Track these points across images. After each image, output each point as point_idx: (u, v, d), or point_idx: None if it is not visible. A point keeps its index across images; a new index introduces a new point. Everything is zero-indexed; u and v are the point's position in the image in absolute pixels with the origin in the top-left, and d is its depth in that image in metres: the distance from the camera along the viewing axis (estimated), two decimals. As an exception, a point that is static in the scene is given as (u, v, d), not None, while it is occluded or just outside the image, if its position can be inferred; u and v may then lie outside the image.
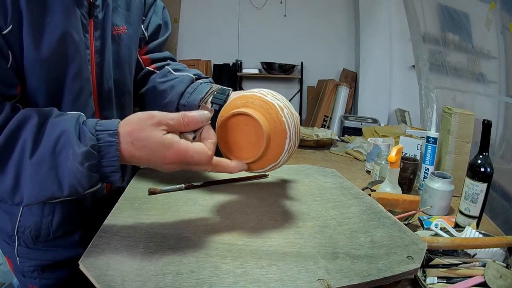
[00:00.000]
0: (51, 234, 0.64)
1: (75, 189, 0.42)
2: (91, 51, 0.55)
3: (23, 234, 0.63)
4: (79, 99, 0.54)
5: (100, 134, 0.42)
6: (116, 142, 0.41)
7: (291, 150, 0.54)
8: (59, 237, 0.65)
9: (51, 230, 0.63)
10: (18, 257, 0.65)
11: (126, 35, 0.63)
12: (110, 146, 0.41)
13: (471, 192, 0.76)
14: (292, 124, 0.52)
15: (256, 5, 3.46)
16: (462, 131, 0.99)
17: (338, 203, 0.65)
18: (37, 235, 0.63)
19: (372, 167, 1.19)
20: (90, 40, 0.54)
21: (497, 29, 1.21)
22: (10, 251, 0.66)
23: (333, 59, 3.43)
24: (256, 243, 0.49)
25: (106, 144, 0.41)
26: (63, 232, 0.65)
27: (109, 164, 0.42)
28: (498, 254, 0.64)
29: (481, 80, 1.34)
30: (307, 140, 1.61)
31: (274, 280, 0.41)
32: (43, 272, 0.67)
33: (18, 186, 0.42)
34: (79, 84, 0.53)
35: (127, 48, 0.64)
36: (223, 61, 3.55)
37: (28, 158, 0.41)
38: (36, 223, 0.62)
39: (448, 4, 1.55)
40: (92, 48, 0.55)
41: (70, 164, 0.40)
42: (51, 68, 0.49)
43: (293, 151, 0.55)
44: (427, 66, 1.88)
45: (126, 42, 0.63)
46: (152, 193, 0.66)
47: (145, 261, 0.43)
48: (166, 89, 0.68)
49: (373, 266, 0.45)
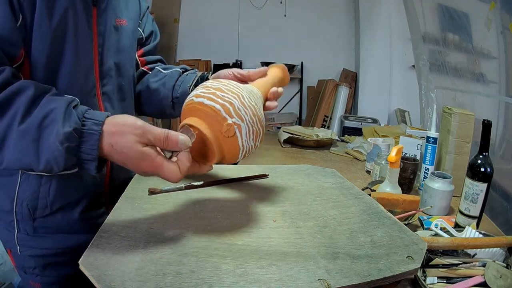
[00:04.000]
0: (49, 206, 0.63)
1: (51, 166, 0.44)
2: (94, 33, 0.60)
3: (21, 207, 0.63)
4: (78, 69, 0.58)
5: (86, 121, 0.43)
6: (98, 132, 0.43)
7: (252, 140, 0.51)
8: (58, 211, 0.65)
9: (48, 200, 0.63)
10: (19, 246, 0.65)
11: (127, 27, 0.69)
12: (92, 134, 0.43)
13: (471, 192, 0.76)
14: (246, 116, 0.49)
15: (256, 5, 3.46)
16: (462, 131, 0.99)
17: (338, 203, 0.65)
18: (34, 207, 0.63)
19: (372, 167, 1.19)
20: (94, 24, 0.61)
21: (497, 29, 1.21)
22: (10, 240, 0.66)
23: (333, 59, 3.43)
24: (256, 243, 0.49)
25: (89, 132, 0.43)
26: (60, 205, 0.64)
27: (87, 151, 0.43)
28: (498, 254, 0.64)
29: (481, 80, 1.34)
30: (307, 140, 1.61)
31: (274, 280, 0.41)
32: (45, 269, 0.67)
33: (2, 148, 0.45)
34: (78, 57, 0.58)
35: (127, 39, 0.70)
36: (223, 61, 3.55)
37: (17, 124, 0.43)
38: (34, 192, 0.62)
39: (448, 4, 1.55)
40: (95, 30, 0.61)
41: (51, 141, 0.43)
42: (56, 38, 0.54)
43: (258, 137, 0.52)
44: (427, 66, 1.88)
45: (127, 33, 0.69)
46: (152, 193, 0.66)
47: (145, 261, 0.43)
48: (159, 87, 0.76)
49: (373, 266, 0.45)
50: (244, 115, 0.49)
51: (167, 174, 0.45)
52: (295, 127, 1.84)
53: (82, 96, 0.58)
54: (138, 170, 0.46)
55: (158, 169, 0.45)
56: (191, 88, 0.71)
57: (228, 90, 0.50)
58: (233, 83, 0.53)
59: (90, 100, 0.62)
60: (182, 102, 0.61)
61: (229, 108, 0.49)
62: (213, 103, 0.49)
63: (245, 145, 0.51)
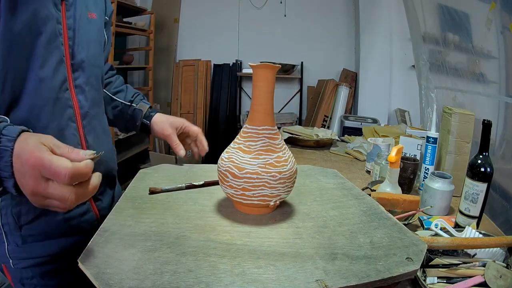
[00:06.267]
0: (32, 210, 0.62)
1: None
2: (63, 26, 0.61)
3: (6, 217, 0.62)
4: (46, 64, 0.58)
5: (2, 138, 0.42)
6: (10, 148, 0.41)
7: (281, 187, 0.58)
8: (41, 215, 0.63)
9: (30, 204, 0.60)
10: (11, 259, 0.65)
11: (96, 20, 0.70)
12: (5, 151, 0.41)
13: (471, 192, 0.76)
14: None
15: (256, 5, 3.46)
16: (462, 131, 0.99)
17: (338, 203, 0.65)
18: (18, 214, 0.62)
19: (372, 167, 1.19)
20: (62, 17, 0.61)
21: (497, 29, 1.20)
22: (2, 254, 0.65)
23: (333, 59, 3.43)
24: (255, 243, 0.49)
25: (3, 148, 0.41)
26: (42, 209, 0.62)
27: (3, 168, 0.41)
28: (498, 254, 0.64)
29: (481, 80, 1.33)
30: (307, 140, 1.61)
31: (271, 280, 0.41)
32: (43, 278, 0.66)
33: None
34: (48, 52, 0.58)
35: (97, 31, 0.71)
36: (223, 61, 3.55)
37: None
38: (14, 199, 0.61)
39: (448, 4, 1.55)
40: (64, 24, 0.61)
41: None
42: (23, 36, 0.54)
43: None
44: (427, 66, 1.88)
45: (97, 26, 0.71)
46: (153, 192, 0.66)
47: (143, 260, 0.43)
48: (114, 119, 0.88)
49: (372, 267, 0.44)
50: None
51: (55, 162, 0.39)
52: (295, 127, 1.84)
53: (52, 91, 0.59)
54: (25, 165, 0.40)
55: (43, 160, 0.39)
56: (139, 126, 0.86)
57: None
58: None
59: (61, 95, 0.61)
60: (132, 131, 0.88)
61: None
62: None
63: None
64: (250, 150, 0.56)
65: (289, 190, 0.58)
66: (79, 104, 0.65)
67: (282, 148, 0.58)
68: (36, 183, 0.40)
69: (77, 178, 0.39)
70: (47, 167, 0.39)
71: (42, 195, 0.40)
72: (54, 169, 0.38)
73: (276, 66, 0.55)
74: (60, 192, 0.39)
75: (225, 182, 0.56)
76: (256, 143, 0.56)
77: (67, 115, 0.63)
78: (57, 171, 0.38)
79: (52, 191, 0.39)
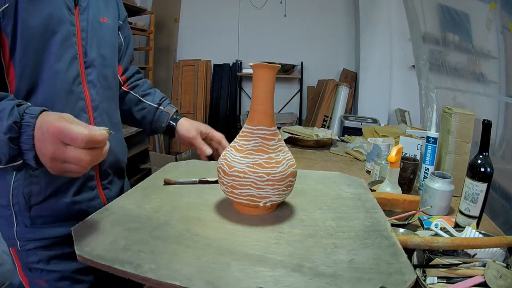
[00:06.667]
0: (42, 191, 0.66)
1: None
2: (77, 28, 0.68)
3: (17, 198, 0.66)
4: (61, 59, 0.65)
5: (25, 116, 0.49)
6: (33, 124, 0.48)
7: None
8: (51, 197, 0.67)
9: (41, 185, 0.66)
10: (19, 241, 0.68)
11: (108, 24, 0.76)
12: (28, 126, 0.48)
13: (471, 192, 0.76)
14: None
15: (256, 5, 3.46)
16: (462, 131, 0.99)
17: (343, 214, 0.61)
18: (29, 194, 0.66)
19: (372, 167, 1.19)
20: (76, 20, 0.67)
21: (497, 29, 1.20)
22: (11, 236, 0.68)
23: (333, 59, 3.43)
24: (228, 241, 0.50)
25: (26, 124, 0.48)
26: (53, 189, 0.67)
27: (25, 141, 0.48)
28: (498, 254, 0.64)
29: (481, 80, 1.33)
30: (307, 140, 1.61)
31: (217, 277, 0.41)
32: (48, 263, 0.69)
33: None
34: (63, 49, 0.65)
35: (110, 34, 0.77)
36: (223, 61, 3.55)
37: None
38: (26, 179, 0.65)
39: (448, 4, 1.55)
40: (78, 26, 0.68)
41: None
42: (39, 34, 0.61)
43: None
44: (427, 66, 1.88)
45: (110, 30, 0.77)
46: (167, 183, 0.70)
47: (120, 237, 0.49)
48: (140, 119, 0.91)
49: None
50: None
51: (74, 129, 0.45)
52: (295, 127, 1.84)
53: (66, 84, 0.65)
54: (47, 134, 0.46)
55: (63, 130, 0.46)
56: (165, 128, 0.89)
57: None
58: None
59: (75, 88, 0.67)
60: (157, 133, 0.91)
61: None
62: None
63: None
64: (242, 149, 0.56)
65: (281, 193, 0.56)
66: (90, 97, 0.70)
67: (276, 149, 0.57)
68: (56, 148, 0.46)
69: (92, 144, 0.45)
70: (66, 133, 0.45)
71: (60, 159, 0.46)
72: (73, 135, 0.44)
73: (276, 66, 0.55)
74: (77, 154, 0.45)
75: (219, 178, 0.58)
76: (249, 143, 0.56)
77: (79, 106, 0.68)
78: (75, 137, 0.44)
79: (69, 154, 0.45)
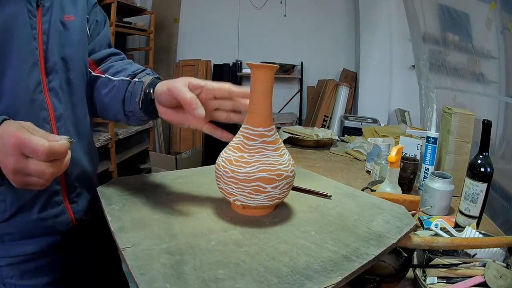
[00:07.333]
0: (8, 208, 0.63)
1: None
2: (38, 32, 0.64)
3: None
4: (22, 66, 0.61)
5: None
6: None
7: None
8: (17, 214, 0.64)
9: (7, 203, 0.63)
10: None
11: (74, 22, 0.70)
12: None
13: (471, 192, 0.76)
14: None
15: (256, 5, 3.46)
16: (462, 131, 0.99)
17: (336, 239, 0.50)
18: None
19: (372, 167, 1.19)
20: (38, 22, 0.63)
21: (497, 29, 1.21)
22: None
23: (333, 59, 3.43)
24: (201, 239, 0.48)
25: None
26: (18, 206, 0.63)
27: None
28: (498, 254, 0.64)
29: (481, 80, 1.34)
30: (307, 140, 1.61)
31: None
32: (22, 278, 0.66)
33: None
34: (23, 55, 0.61)
35: (76, 32, 0.71)
36: (223, 61, 3.55)
37: None
38: None
39: (448, 4, 1.55)
40: (39, 29, 0.64)
41: None
42: None
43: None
44: (427, 66, 1.88)
45: (75, 29, 0.71)
46: None
47: (130, 203, 0.59)
48: (109, 101, 0.74)
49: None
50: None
51: (34, 141, 0.44)
52: (295, 127, 1.84)
53: (28, 93, 0.62)
54: (7, 145, 0.45)
55: (23, 140, 0.44)
56: (140, 102, 0.66)
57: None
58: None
59: (36, 97, 0.64)
60: (136, 115, 0.70)
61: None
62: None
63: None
64: (229, 147, 0.58)
65: (247, 195, 0.53)
66: (53, 106, 0.66)
67: (253, 151, 0.54)
68: (17, 160, 0.45)
69: (52, 155, 0.45)
70: (27, 145, 0.44)
71: (22, 171, 0.45)
72: (34, 147, 0.44)
73: (274, 66, 0.55)
74: (39, 167, 0.45)
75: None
76: (233, 141, 0.59)
77: (42, 116, 0.64)
78: (36, 148, 0.44)
79: (31, 167, 0.45)
